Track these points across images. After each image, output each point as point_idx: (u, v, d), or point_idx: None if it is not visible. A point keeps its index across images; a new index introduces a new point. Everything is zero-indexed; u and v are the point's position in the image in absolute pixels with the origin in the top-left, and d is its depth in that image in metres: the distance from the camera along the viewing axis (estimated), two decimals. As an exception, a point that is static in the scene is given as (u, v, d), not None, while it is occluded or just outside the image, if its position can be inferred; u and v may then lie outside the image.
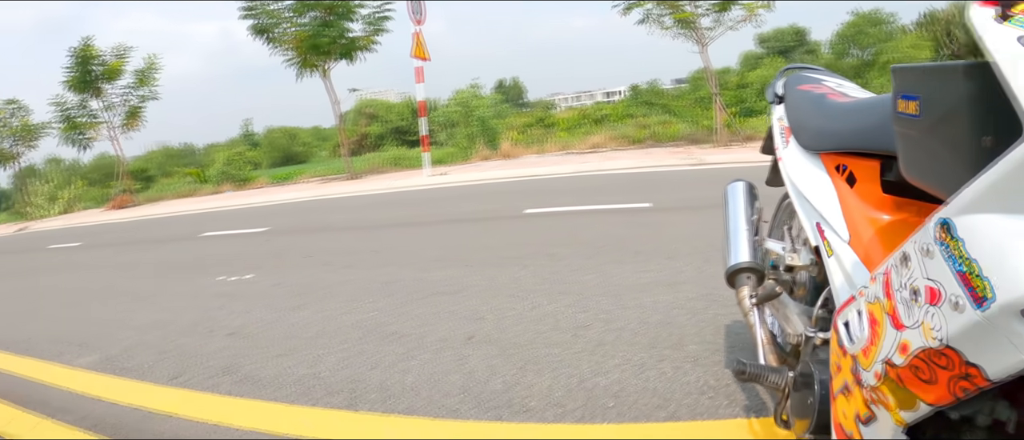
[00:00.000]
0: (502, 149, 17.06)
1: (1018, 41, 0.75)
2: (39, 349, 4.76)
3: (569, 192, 8.64)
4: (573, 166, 11.31)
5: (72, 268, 10.09)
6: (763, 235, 2.11)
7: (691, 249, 4.53)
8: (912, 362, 0.89)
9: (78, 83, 24.85)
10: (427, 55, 14.02)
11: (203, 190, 26.13)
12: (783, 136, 1.93)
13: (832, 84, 1.94)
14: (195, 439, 2.60)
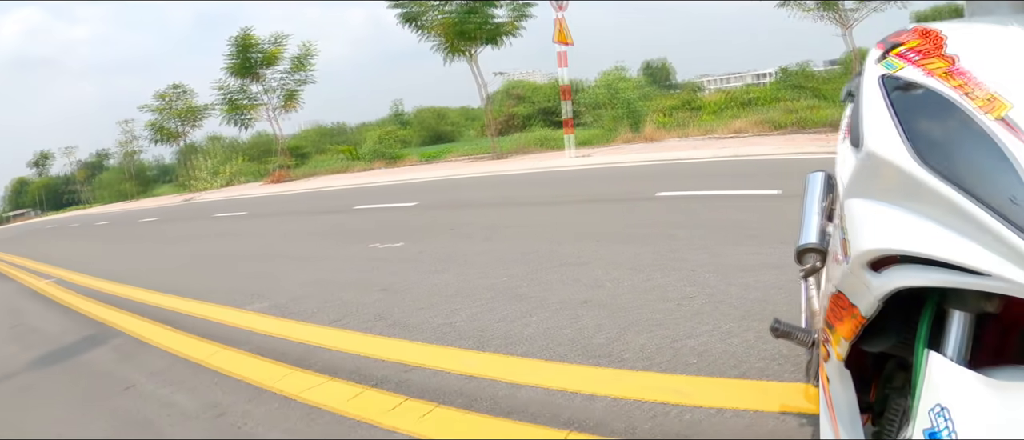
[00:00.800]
0: (644, 132, 17.33)
1: (879, 79, 1.12)
2: (218, 297, 5.77)
3: (703, 177, 8.93)
4: (712, 151, 11.49)
5: (239, 234, 11.48)
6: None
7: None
8: (830, 305, 1.32)
9: (239, 69, 27.46)
10: (570, 40, 14.54)
11: (356, 167, 27.96)
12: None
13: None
14: (357, 367, 3.33)
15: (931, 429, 0.86)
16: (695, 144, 13.40)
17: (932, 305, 1.06)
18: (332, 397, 2.99)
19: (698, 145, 13.06)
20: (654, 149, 13.28)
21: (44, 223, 50.35)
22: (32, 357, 5.10)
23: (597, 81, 27.55)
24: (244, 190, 30.10)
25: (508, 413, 2.52)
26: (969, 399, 0.85)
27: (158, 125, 40.12)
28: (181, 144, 42.23)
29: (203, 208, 22.72)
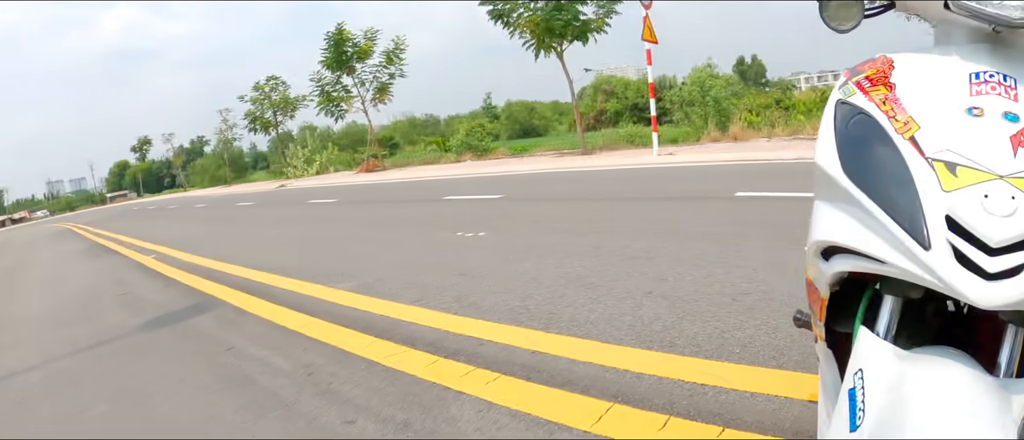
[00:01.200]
0: (731, 131, 17.26)
1: (835, 103, 1.34)
2: (310, 276, 6.32)
3: (783, 177, 8.93)
4: (796, 152, 11.41)
5: (331, 219, 12.16)
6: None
7: None
8: (808, 291, 1.54)
9: (333, 62, 28.75)
10: (656, 38, 14.67)
11: (445, 158, 28.67)
12: None
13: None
14: (434, 340, 3.75)
15: (852, 388, 1.10)
16: (782, 144, 13.33)
17: (870, 290, 1.30)
18: (411, 363, 3.41)
19: (784, 146, 12.98)
20: (739, 148, 13.29)
21: (144, 204, 53.37)
22: (142, 321, 5.76)
23: (687, 78, 27.45)
24: (336, 178, 31.27)
25: (563, 384, 2.88)
26: (880, 364, 1.10)
27: (254, 115, 42.02)
28: (276, 133, 44.15)
29: (296, 194, 23.81)
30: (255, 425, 2.98)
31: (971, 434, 0.97)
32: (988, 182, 1.03)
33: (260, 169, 77.45)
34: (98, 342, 5.27)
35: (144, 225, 21.84)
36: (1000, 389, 1.04)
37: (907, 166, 1.10)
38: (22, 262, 16.42)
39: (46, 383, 4.41)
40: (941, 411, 1.01)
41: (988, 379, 1.05)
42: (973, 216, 1.01)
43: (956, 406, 1.01)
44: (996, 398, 1.02)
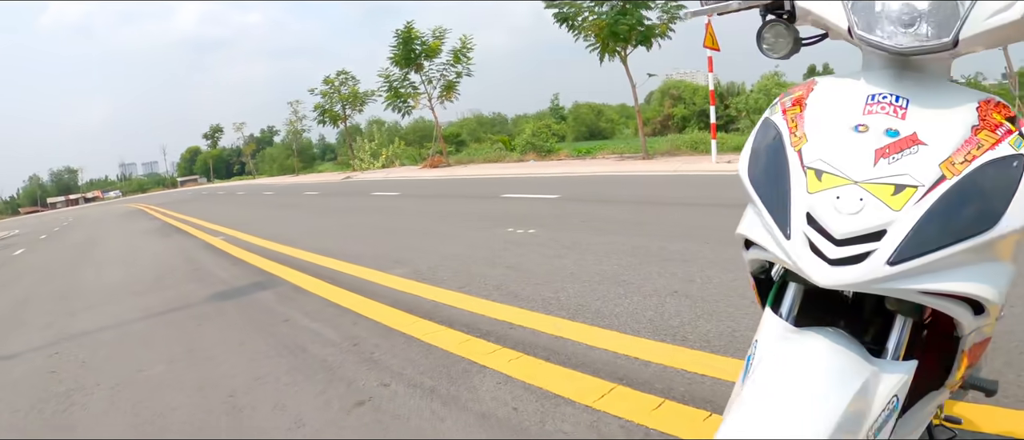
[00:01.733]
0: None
1: (763, 119, 1.56)
2: (365, 262, 6.78)
3: None
4: None
5: (392, 211, 12.67)
6: None
7: None
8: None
9: (402, 59, 29.54)
10: (718, 45, 14.71)
11: (509, 157, 29.10)
12: None
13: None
14: (470, 321, 4.14)
15: (750, 355, 1.38)
16: None
17: (780, 277, 1.48)
18: (446, 341, 3.80)
19: None
20: None
21: (213, 189, 55.25)
22: (209, 294, 6.31)
23: (754, 86, 27.34)
24: (400, 173, 32.03)
25: (577, 366, 3.23)
26: (770, 336, 1.36)
27: (323, 108, 43.20)
28: (344, 126, 45.28)
29: (361, 186, 24.54)
30: (302, 385, 3.41)
31: (815, 391, 1.15)
32: (843, 186, 1.24)
33: (328, 160, 79.29)
34: (168, 309, 5.82)
35: (213, 209, 22.85)
36: (867, 366, 1.23)
37: (788, 173, 1.33)
38: (97, 238, 17.45)
39: (117, 342, 4.97)
40: (799, 374, 1.22)
41: (855, 356, 1.23)
42: (825, 213, 1.23)
43: (813, 372, 1.21)
44: (857, 370, 1.21)
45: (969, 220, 1.18)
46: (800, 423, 1.11)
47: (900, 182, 1.22)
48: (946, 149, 1.25)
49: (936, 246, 1.17)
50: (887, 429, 1.22)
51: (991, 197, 1.21)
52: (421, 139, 51.08)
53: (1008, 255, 1.30)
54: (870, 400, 1.19)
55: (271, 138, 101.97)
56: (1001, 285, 1.26)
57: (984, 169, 1.23)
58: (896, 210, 1.19)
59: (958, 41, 1.27)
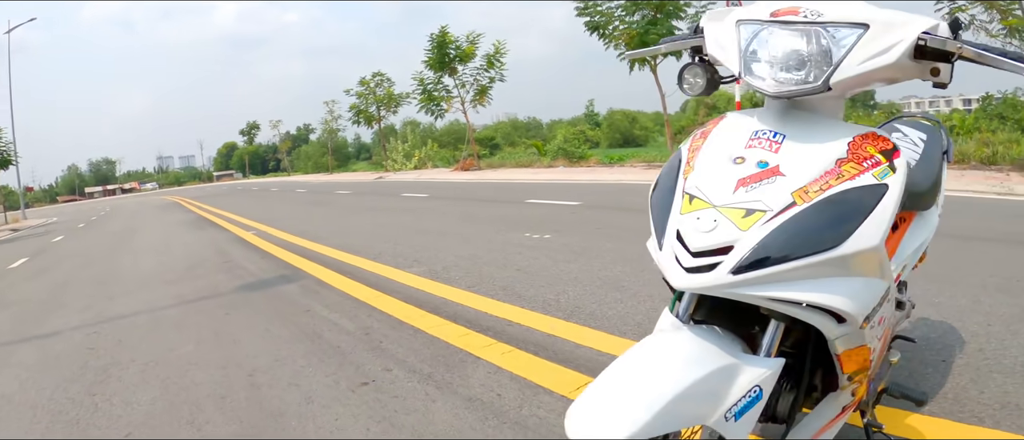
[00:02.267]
0: None
1: (678, 149, 1.74)
2: (386, 259, 7.18)
3: None
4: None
5: (417, 211, 13.09)
6: None
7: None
8: None
9: (436, 63, 30.15)
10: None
11: (539, 162, 29.45)
12: None
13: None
14: (473, 318, 4.50)
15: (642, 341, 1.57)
16: None
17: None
18: (448, 333, 4.17)
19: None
20: None
21: (248, 185, 56.28)
22: (238, 284, 6.75)
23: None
24: (432, 174, 32.57)
25: (563, 361, 3.57)
26: (662, 328, 1.65)
27: (359, 108, 43.98)
28: (378, 127, 46.03)
29: (392, 187, 25.06)
30: (315, 367, 3.80)
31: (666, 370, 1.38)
32: (704, 209, 1.48)
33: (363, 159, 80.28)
34: (198, 297, 6.27)
35: (246, 204, 23.50)
36: (727, 357, 1.45)
37: (673, 196, 1.59)
38: (133, 228, 18.11)
39: (151, 325, 5.42)
40: (657, 356, 1.47)
41: (715, 348, 1.47)
42: (687, 231, 1.48)
43: (669, 355, 1.45)
44: (714, 359, 1.43)
45: (813, 239, 1.40)
46: (643, 393, 1.32)
47: (751, 207, 1.45)
48: (802, 179, 1.46)
49: (776, 260, 1.39)
50: (751, 414, 1.42)
51: (840, 220, 1.42)
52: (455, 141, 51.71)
53: (872, 272, 1.51)
54: (727, 386, 1.40)
55: (307, 136, 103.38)
56: (860, 298, 1.48)
57: (838, 196, 1.44)
58: (743, 230, 1.42)
59: (830, 85, 1.50)
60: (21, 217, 39.64)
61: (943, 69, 1.55)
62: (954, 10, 13.95)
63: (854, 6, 1.56)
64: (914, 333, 3.43)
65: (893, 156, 1.53)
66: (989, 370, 2.93)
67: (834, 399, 1.84)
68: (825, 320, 1.50)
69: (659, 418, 1.27)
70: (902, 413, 2.60)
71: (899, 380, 2.75)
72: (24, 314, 6.80)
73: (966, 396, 2.70)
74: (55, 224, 29.20)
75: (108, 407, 3.56)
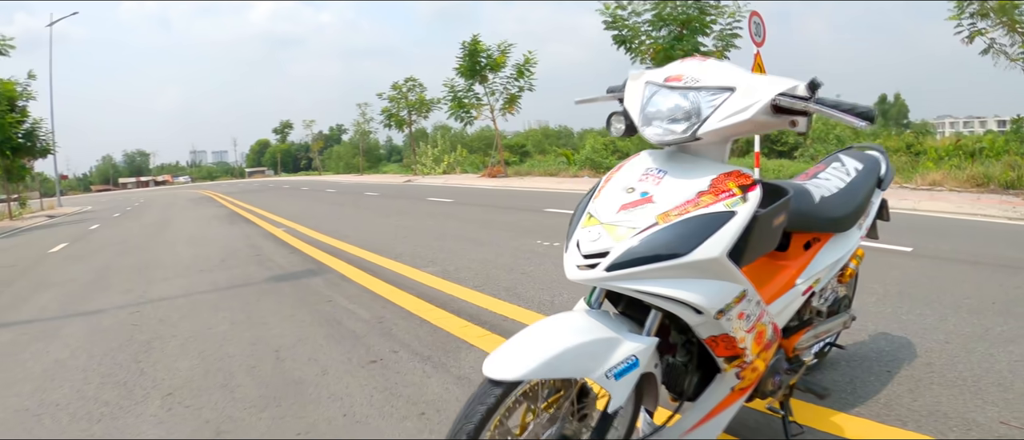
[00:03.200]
0: None
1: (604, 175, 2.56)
2: (404, 259, 7.77)
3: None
4: (892, 201, 11.68)
5: (440, 216, 13.67)
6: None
7: (883, 290, 5.09)
8: None
9: (467, 71, 30.77)
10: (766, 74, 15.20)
11: (565, 172, 29.89)
12: None
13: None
14: (475, 313, 5.06)
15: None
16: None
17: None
18: (451, 325, 4.74)
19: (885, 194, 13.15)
20: None
21: (279, 182, 57.37)
22: (268, 275, 7.38)
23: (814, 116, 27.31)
24: (459, 180, 33.17)
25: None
26: (574, 311, 2.11)
27: (390, 112, 44.83)
28: (409, 131, 46.83)
29: (419, 190, 25.69)
30: (332, 347, 4.39)
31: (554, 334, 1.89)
32: (595, 226, 1.97)
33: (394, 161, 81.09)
34: (232, 285, 6.91)
35: (277, 201, 24.28)
36: (609, 332, 1.93)
37: (582, 214, 2.07)
38: (167, 220, 18.90)
39: (189, 307, 6.05)
40: (552, 325, 1.95)
41: (600, 325, 1.95)
42: (582, 240, 1.96)
43: (561, 326, 1.94)
44: (597, 332, 1.91)
45: (667, 249, 1.84)
46: (537, 349, 1.83)
47: (626, 225, 1.92)
48: (667, 206, 1.92)
49: (639, 262, 1.84)
50: (630, 377, 1.90)
51: (691, 236, 1.85)
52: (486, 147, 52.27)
53: (723, 276, 1.93)
54: (609, 352, 1.88)
55: (339, 136, 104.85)
56: (712, 295, 1.91)
57: (692, 219, 1.88)
58: (616, 241, 1.89)
59: (698, 136, 1.95)
60: (57, 204, 40.96)
61: (800, 121, 1.96)
62: (973, 33, 13.97)
63: (728, 73, 2.00)
64: (871, 346, 3.79)
65: (749, 190, 1.95)
66: (930, 382, 3.22)
67: (721, 380, 2.23)
68: (686, 311, 1.94)
69: (545, 366, 1.78)
70: (827, 411, 2.94)
71: (816, 378, 3.23)
72: (70, 294, 7.47)
73: (898, 402, 3.01)
74: (90, 212, 30.25)
75: (152, 372, 4.18)
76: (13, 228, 22.68)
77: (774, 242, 2.18)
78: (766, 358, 2.24)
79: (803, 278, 2.53)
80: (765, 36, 14.80)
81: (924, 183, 14.04)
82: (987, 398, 3.02)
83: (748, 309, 2.06)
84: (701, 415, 2.24)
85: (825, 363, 3.51)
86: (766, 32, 14.84)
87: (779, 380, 2.48)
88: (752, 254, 2.05)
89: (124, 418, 3.44)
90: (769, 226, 2.08)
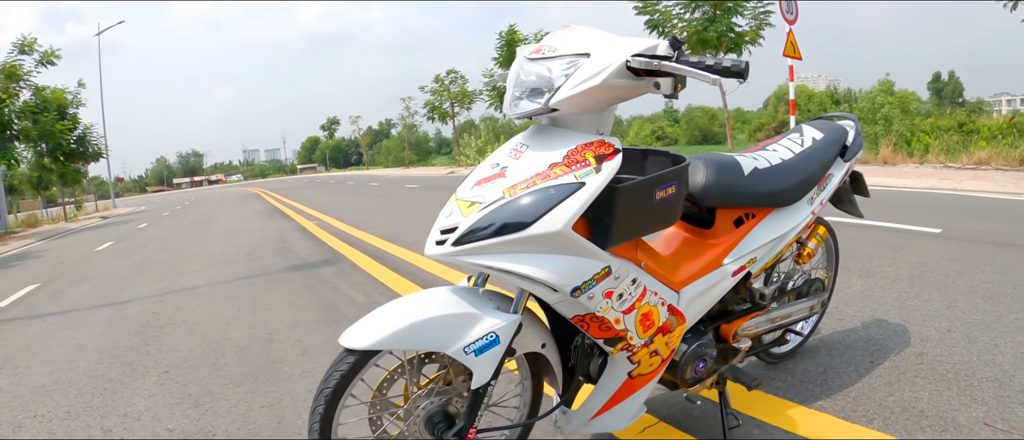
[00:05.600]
0: (882, 154, 16.45)
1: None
2: (417, 248, 8.07)
3: (890, 207, 8.45)
4: (933, 181, 11.07)
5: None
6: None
7: (895, 274, 4.86)
8: None
9: (506, 60, 30.93)
10: (800, 55, 14.75)
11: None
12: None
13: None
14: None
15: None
16: (925, 172, 12.42)
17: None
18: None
19: (927, 173, 12.24)
20: (878, 173, 12.33)
21: (326, 178, 58.51)
22: (286, 265, 7.80)
23: (860, 94, 26.84)
24: (501, 170, 33.40)
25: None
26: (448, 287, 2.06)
27: (433, 105, 45.35)
28: (453, 122, 47.28)
29: (459, 181, 25.97)
30: (322, 330, 4.73)
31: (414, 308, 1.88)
32: (451, 201, 1.94)
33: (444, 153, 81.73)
34: (251, 275, 7.34)
35: (318, 196, 24.90)
36: (469, 308, 1.90)
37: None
38: (211, 217, 19.62)
39: (206, 296, 6.48)
40: (414, 300, 1.94)
41: (462, 301, 1.93)
42: (441, 216, 1.92)
43: (422, 300, 1.93)
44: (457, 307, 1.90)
45: (511, 222, 1.77)
46: (392, 320, 1.85)
47: (474, 200, 1.86)
48: (516, 180, 1.84)
49: (483, 236, 1.78)
50: (491, 354, 1.87)
51: (532, 209, 1.77)
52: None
53: (576, 252, 1.84)
54: (468, 328, 1.86)
55: (388, 130, 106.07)
56: (564, 272, 1.83)
57: (538, 191, 1.79)
58: (465, 215, 1.84)
59: (555, 107, 1.82)
60: (111, 206, 42.45)
61: (663, 83, 1.80)
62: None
63: (586, 39, 1.88)
64: (859, 334, 3.58)
65: (606, 160, 1.84)
66: (914, 376, 2.97)
67: (614, 364, 2.18)
68: (540, 288, 1.87)
69: (395, 337, 1.82)
70: (785, 404, 2.80)
71: (800, 366, 3.16)
72: (105, 287, 7.97)
73: (871, 397, 2.79)
74: (142, 212, 31.36)
75: (157, 353, 4.57)
76: (67, 229, 23.64)
77: (666, 218, 2.04)
78: (670, 343, 2.17)
79: (732, 257, 2.39)
80: (797, 14, 14.59)
81: (970, 162, 13.44)
82: (977, 395, 2.76)
83: (620, 288, 1.97)
84: (602, 401, 2.21)
85: (802, 351, 3.35)
86: (798, 10, 14.64)
87: (702, 367, 2.39)
88: (625, 230, 1.93)
89: (122, 393, 3.81)
90: (646, 200, 1.93)
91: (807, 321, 3.35)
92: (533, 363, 2.24)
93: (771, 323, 2.71)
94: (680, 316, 2.17)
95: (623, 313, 1.99)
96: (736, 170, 2.43)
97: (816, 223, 2.97)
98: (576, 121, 1.92)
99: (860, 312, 3.98)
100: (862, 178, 3.11)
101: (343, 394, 1.90)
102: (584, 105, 1.86)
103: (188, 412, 3.42)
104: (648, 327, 2.06)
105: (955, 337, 3.42)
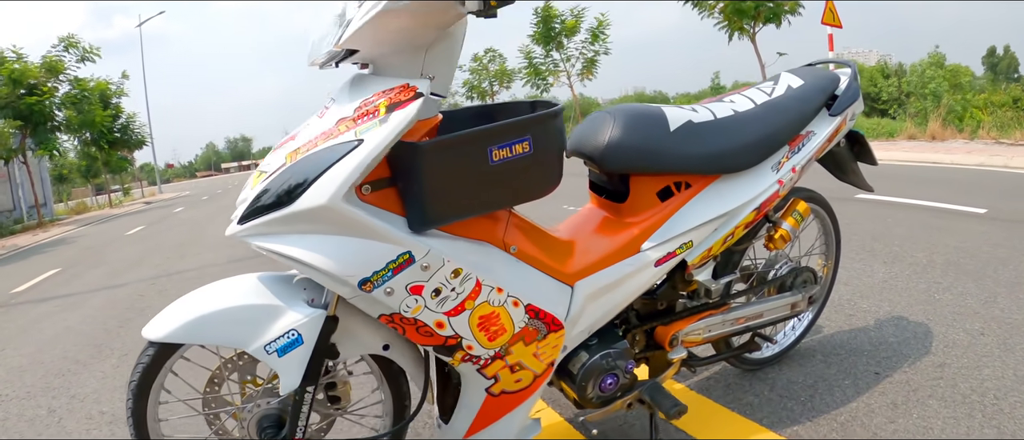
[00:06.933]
0: (930, 129, 15.89)
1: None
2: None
3: (934, 184, 7.92)
4: (983, 157, 10.23)
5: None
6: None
7: (926, 259, 4.16)
8: None
9: (541, 38, 30.63)
10: (839, 23, 14.23)
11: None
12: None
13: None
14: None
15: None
16: (975, 148, 11.68)
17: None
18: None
19: (977, 149, 11.53)
20: (924, 149, 11.85)
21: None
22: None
23: (909, 68, 26.16)
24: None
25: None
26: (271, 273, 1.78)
27: (472, 84, 45.39)
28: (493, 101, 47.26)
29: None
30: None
31: (212, 300, 1.60)
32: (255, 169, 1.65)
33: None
34: (244, 257, 7.51)
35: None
36: (275, 301, 1.60)
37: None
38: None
39: (196, 278, 6.67)
40: (225, 288, 1.67)
41: (268, 292, 1.64)
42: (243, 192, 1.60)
43: (223, 291, 1.65)
44: (259, 299, 1.60)
45: (280, 197, 1.44)
46: (189, 311, 1.58)
47: (262, 169, 1.57)
48: (301, 142, 1.53)
49: (257, 215, 1.47)
50: (296, 355, 1.55)
51: (301, 179, 1.43)
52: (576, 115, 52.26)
53: (361, 232, 1.47)
54: (269, 324, 1.55)
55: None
56: (349, 260, 1.46)
57: (310, 156, 1.46)
58: (252, 188, 1.53)
59: (352, 48, 1.51)
60: (157, 191, 43.59)
61: (468, 3, 1.43)
62: None
63: None
64: (870, 335, 2.93)
65: (398, 108, 1.46)
66: (928, 395, 2.33)
67: (465, 378, 1.77)
68: (326, 279, 1.49)
69: (187, 330, 1.55)
70: (749, 426, 2.24)
71: (786, 376, 2.57)
72: (114, 270, 8.24)
73: (865, 423, 2.18)
74: (184, 198, 32.09)
75: (125, 336, 4.72)
76: (110, 215, 24.32)
77: (522, 188, 1.64)
78: (542, 354, 1.74)
79: (654, 241, 1.92)
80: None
81: (1022, 137, 12.87)
82: (1006, 428, 2.06)
83: (433, 282, 1.55)
84: (468, 420, 1.80)
85: (791, 356, 2.75)
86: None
87: (611, 384, 1.91)
88: (447, 204, 1.53)
89: (80, 374, 3.94)
90: (475, 162, 1.52)
91: (798, 320, 2.73)
92: (387, 367, 1.85)
93: (731, 325, 2.21)
94: (552, 321, 1.73)
95: (447, 315, 1.59)
96: (657, 124, 1.96)
97: (794, 196, 2.37)
98: (390, 66, 1.57)
99: (876, 307, 3.31)
100: (865, 141, 2.53)
101: (150, 388, 1.67)
102: (393, 42, 1.52)
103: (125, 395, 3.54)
104: (496, 334, 1.66)
105: (988, 343, 2.73)
